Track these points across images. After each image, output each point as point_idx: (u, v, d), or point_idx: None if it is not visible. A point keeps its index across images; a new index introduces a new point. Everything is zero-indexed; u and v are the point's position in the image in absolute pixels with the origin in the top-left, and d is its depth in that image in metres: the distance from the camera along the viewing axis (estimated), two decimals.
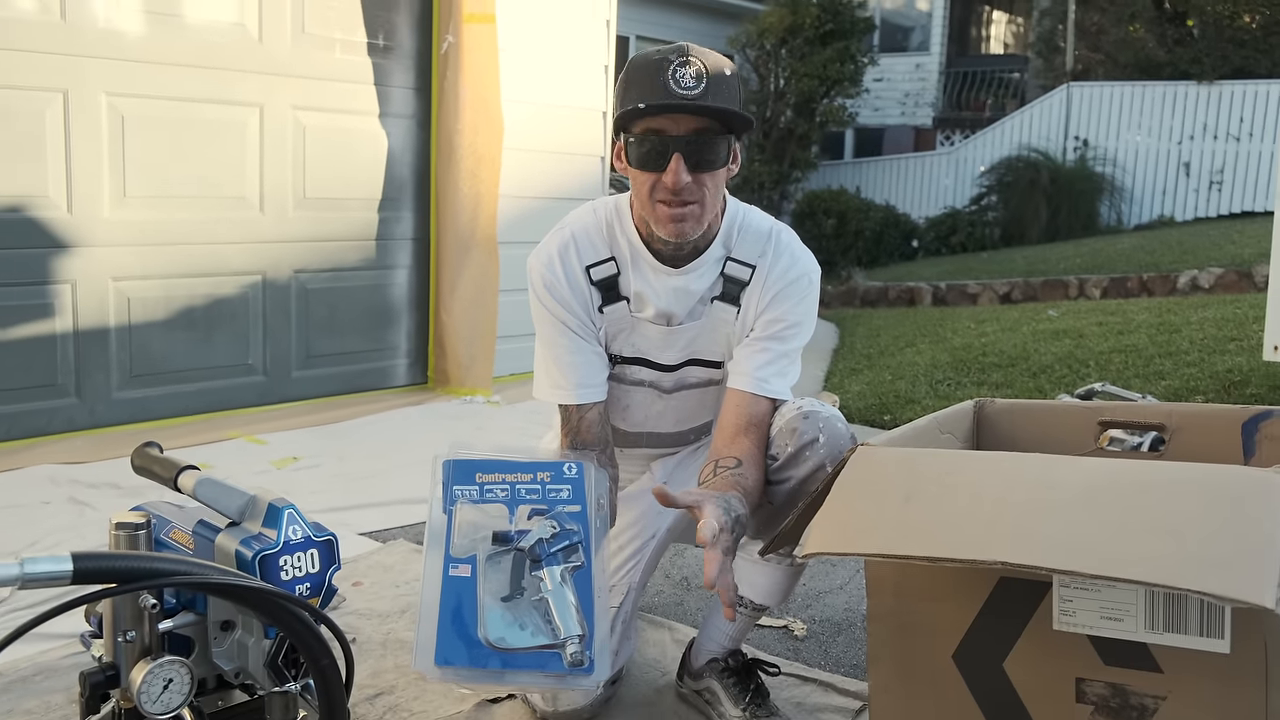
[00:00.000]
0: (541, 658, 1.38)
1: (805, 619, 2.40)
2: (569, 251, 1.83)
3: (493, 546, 1.44)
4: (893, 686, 1.53)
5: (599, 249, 1.84)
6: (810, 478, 1.72)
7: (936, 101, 15.08)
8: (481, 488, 1.48)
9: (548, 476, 1.52)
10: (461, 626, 1.39)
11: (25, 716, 1.82)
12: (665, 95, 1.63)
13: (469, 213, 4.56)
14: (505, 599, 1.41)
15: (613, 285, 1.83)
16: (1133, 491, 1.35)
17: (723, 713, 1.85)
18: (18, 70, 3.44)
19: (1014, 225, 11.67)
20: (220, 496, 1.41)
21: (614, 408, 1.95)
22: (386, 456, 3.65)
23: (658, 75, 1.64)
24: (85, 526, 2.82)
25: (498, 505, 1.48)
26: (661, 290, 1.83)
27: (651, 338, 1.87)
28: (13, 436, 3.55)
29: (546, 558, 1.44)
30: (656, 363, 1.89)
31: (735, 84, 1.69)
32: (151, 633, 1.37)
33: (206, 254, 3.99)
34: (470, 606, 1.39)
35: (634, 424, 1.98)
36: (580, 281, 1.83)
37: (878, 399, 4.86)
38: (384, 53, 4.46)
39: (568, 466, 1.53)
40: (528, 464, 1.53)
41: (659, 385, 1.92)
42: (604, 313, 1.84)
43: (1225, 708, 1.32)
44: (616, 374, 1.91)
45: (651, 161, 1.68)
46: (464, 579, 1.41)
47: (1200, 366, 4.89)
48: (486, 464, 1.50)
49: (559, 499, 1.51)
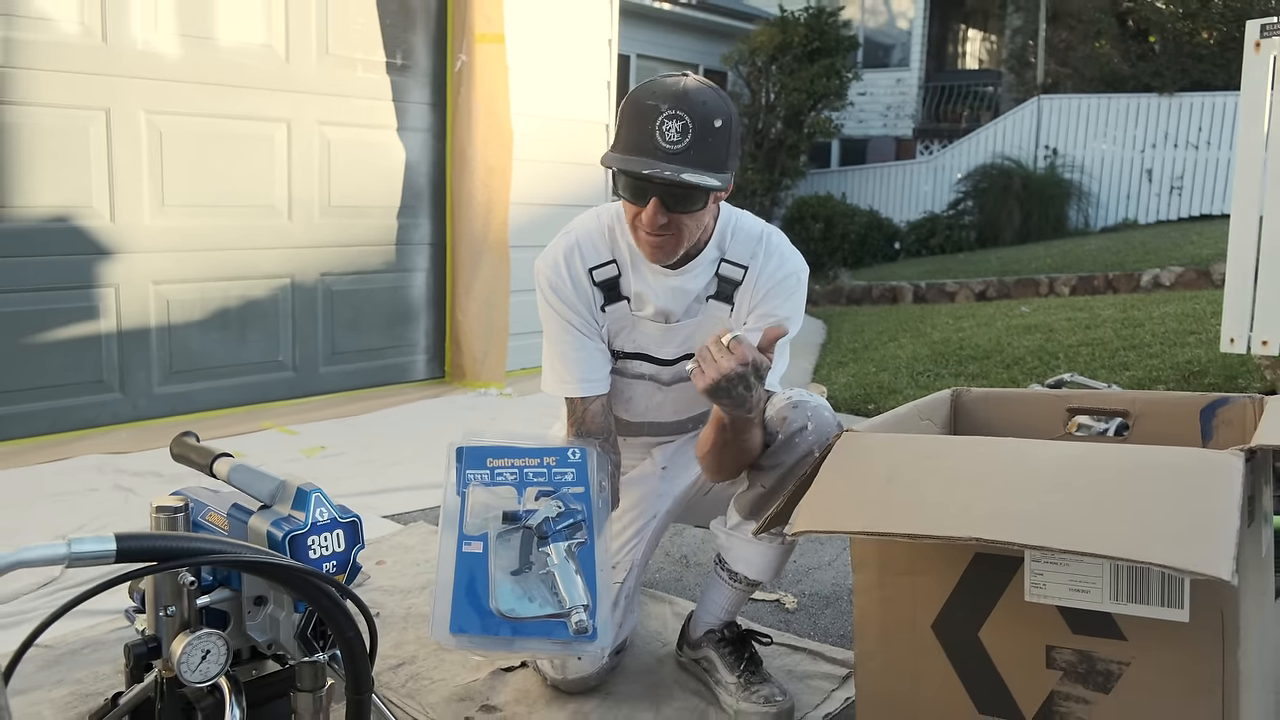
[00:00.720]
0: (549, 625, 1.39)
1: (795, 593, 2.40)
2: (573, 255, 1.83)
3: (503, 525, 1.44)
4: (876, 654, 1.53)
5: (601, 252, 1.84)
6: (800, 462, 1.72)
7: (916, 114, 15.06)
8: (492, 471, 1.48)
9: (553, 461, 1.52)
10: (475, 598, 1.39)
11: (75, 685, 1.83)
12: (649, 148, 1.60)
13: (482, 219, 4.56)
14: (515, 573, 1.42)
15: (614, 286, 1.83)
16: (1099, 473, 1.35)
17: (719, 679, 1.85)
18: (64, 90, 3.44)
19: (989, 228, 11.66)
20: (252, 481, 1.41)
21: (617, 399, 1.95)
22: (407, 445, 3.65)
23: (646, 124, 1.61)
24: (129, 511, 2.82)
25: (507, 488, 1.48)
26: (659, 290, 1.83)
27: (651, 334, 1.87)
28: (63, 429, 3.55)
29: (553, 534, 1.45)
30: (656, 357, 1.89)
31: (724, 135, 1.64)
32: (190, 608, 1.37)
33: (239, 259, 3.99)
34: (482, 580, 1.40)
35: (636, 414, 1.98)
36: (584, 282, 1.83)
37: (863, 389, 4.85)
38: (402, 71, 4.45)
39: (572, 451, 1.54)
40: (535, 449, 1.53)
41: (658, 378, 1.92)
42: (606, 311, 1.84)
43: (1185, 672, 1.32)
44: (619, 368, 1.91)
45: (633, 196, 1.67)
46: (476, 555, 1.42)
47: (1162, 358, 4.88)
48: (497, 450, 1.50)
49: (564, 481, 1.51)
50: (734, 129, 1.67)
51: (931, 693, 1.48)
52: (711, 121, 1.62)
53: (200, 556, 1.12)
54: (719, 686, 1.85)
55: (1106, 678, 1.36)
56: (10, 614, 2.12)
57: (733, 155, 1.68)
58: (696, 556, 2.63)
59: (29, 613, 2.12)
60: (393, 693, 1.80)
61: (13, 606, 2.16)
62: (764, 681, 1.82)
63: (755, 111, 11.96)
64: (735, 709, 1.79)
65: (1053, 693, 1.40)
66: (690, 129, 1.60)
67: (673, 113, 1.60)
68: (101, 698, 1.63)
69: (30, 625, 1.15)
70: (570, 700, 1.83)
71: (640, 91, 1.66)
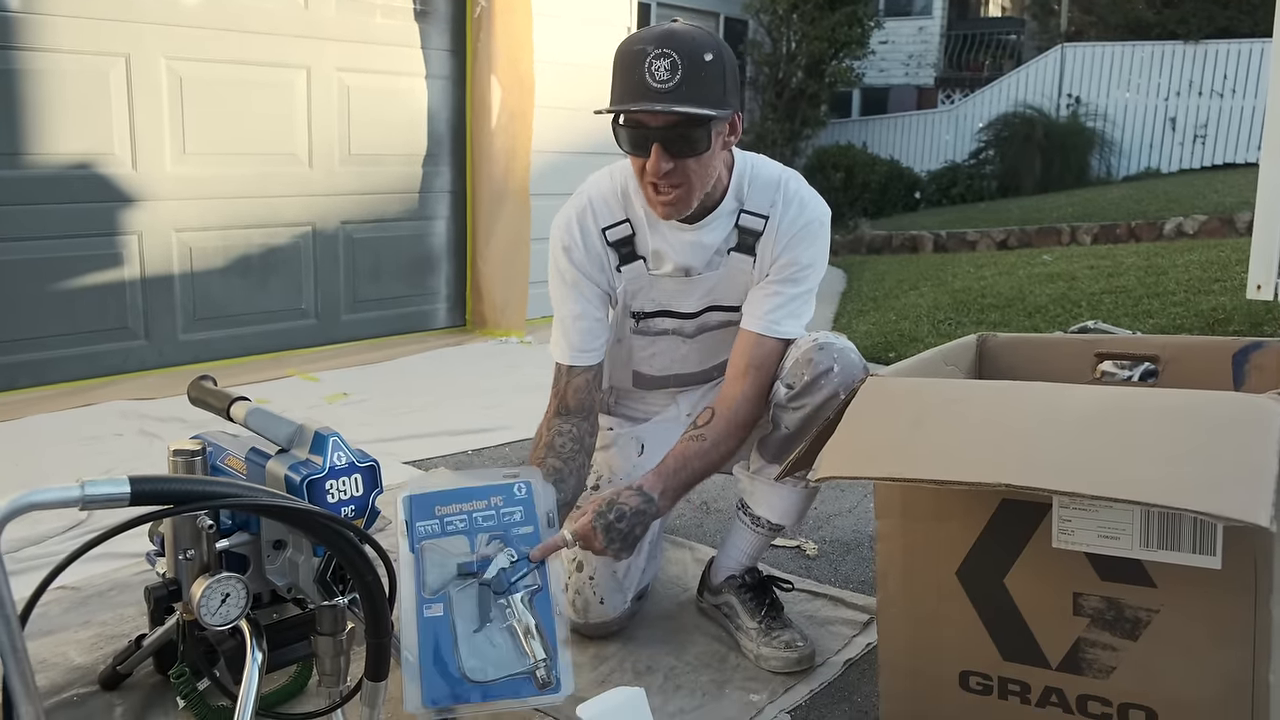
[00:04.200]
0: (515, 684, 1.43)
1: (816, 540, 2.38)
2: (586, 216, 1.79)
3: (458, 580, 1.46)
4: (899, 600, 1.50)
5: (614, 211, 1.79)
6: (825, 405, 1.68)
7: (938, 62, 14.77)
8: (441, 520, 1.49)
9: (500, 500, 1.52)
10: (442, 665, 1.41)
11: (101, 627, 1.82)
12: (641, 89, 1.57)
13: (502, 166, 4.50)
14: (476, 630, 1.44)
15: (629, 244, 1.79)
16: (1130, 417, 1.30)
17: (740, 625, 1.83)
18: (83, 36, 3.39)
19: (1010, 177, 11.48)
20: (269, 425, 1.39)
21: (640, 357, 1.91)
22: (428, 392, 3.63)
23: (635, 68, 1.57)
24: (154, 456, 2.82)
25: (458, 537, 1.48)
26: (678, 245, 1.78)
27: (670, 290, 1.82)
28: (90, 375, 3.55)
29: (509, 587, 1.46)
30: (678, 311, 1.85)
31: (717, 69, 1.59)
32: (209, 551, 1.35)
33: (261, 206, 3.96)
34: (446, 644, 1.42)
35: (660, 369, 1.94)
36: (596, 244, 1.79)
37: (883, 338, 4.79)
38: (421, 17, 4.37)
39: (518, 487, 1.54)
40: (480, 489, 1.53)
41: (682, 331, 1.87)
42: (622, 272, 1.80)
43: (1215, 619, 1.28)
44: (641, 328, 1.87)
45: (635, 148, 1.63)
46: (438, 618, 1.43)
47: (1186, 306, 4.79)
48: (444, 495, 1.50)
49: (512, 522, 1.51)
50: (728, 64, 1.62)
51: (955, 639, 1.45)
52: (701, 56, 1.58)
53: (216, 500, 1.09)
54: (740, 632, 1.83)
55: (1134, 625, 1.32)
56: (39, 556, 2.12)
57: (730, 91, 1.63)
58: (717, 503, 2.61)
59: (56, 555, 2.12)
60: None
61: (41, 549, 2.16)
62: (785, 627, 1.80)
63: (776, 60, 11.75)
64: (756, 653, 1.77)
65: (1079, 639, 1.36)
66: (680, 65, 1.56)
67: (659, 51, 1.56)
68: (126, 639, 1.63)
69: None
70: (591, 644, 1.82)
71: (627, 41, 1.63)
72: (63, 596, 1.94)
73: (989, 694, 1.43)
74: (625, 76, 1.59)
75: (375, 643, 1.22)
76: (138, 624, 1.78)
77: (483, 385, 3.73)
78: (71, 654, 1.72)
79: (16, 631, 1.02)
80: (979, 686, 1.44)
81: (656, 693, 1.66)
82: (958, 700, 1.46)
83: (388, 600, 1.21)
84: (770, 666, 1.75)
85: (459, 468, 2.86)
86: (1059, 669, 1.38)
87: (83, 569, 2.00)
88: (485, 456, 2.97)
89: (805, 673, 1.74)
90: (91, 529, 2.26)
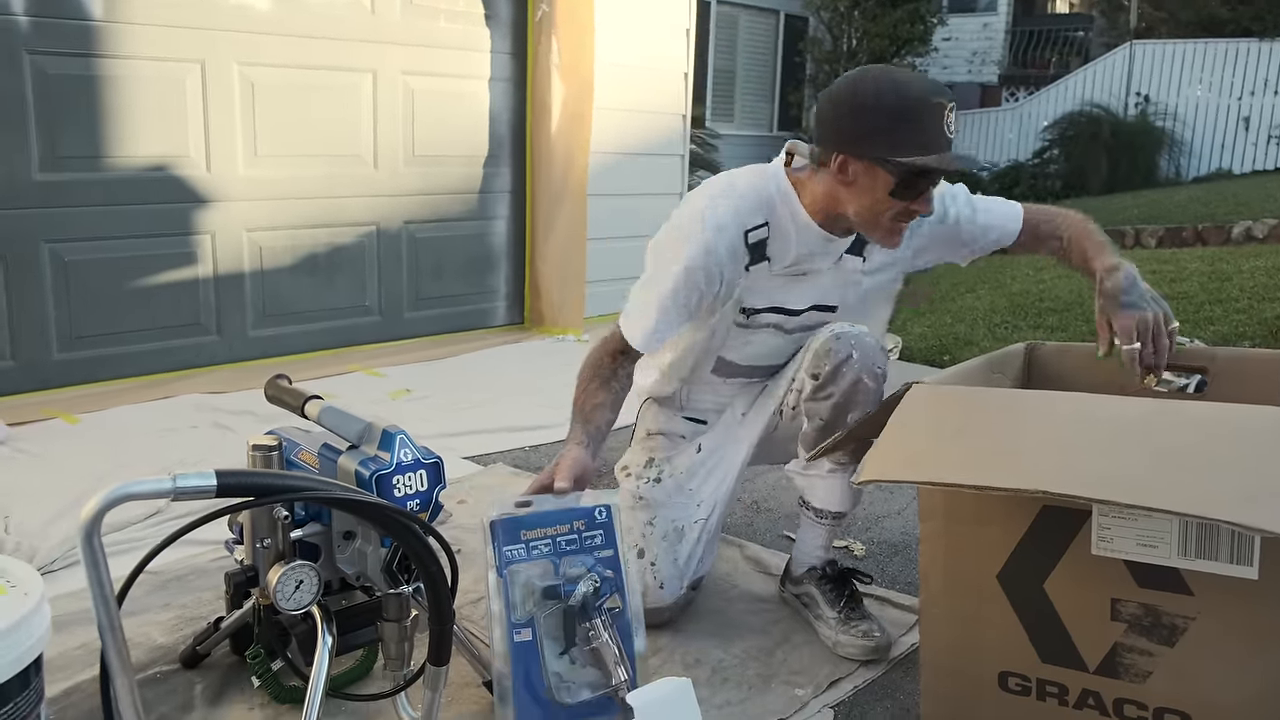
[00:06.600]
0: (600, 704, 1.51)
1: (864, 540, 2.42)
2: (740, 215, 1.82)
3: (545, 602, 1.52)
4: (940, 601, 1.54)
5: (757, 214, 1.83)
6: (851, 389, 1.78)
7: (1002, 60, 14.59)
8: (527, 545, 1.54)
9: (583, 525, 1.58)
10: (533, 691, 1.48)
11: (181, 610, 1.93)
12: (946, 141, 1.68)
13: (561, 167, 4.58)
14: (562, 653, 1.51)
15: (761, 248, 1.84)
16: (1172, 429, 1.34)
17: (820, 614, 1.91)
18: (161, 44, 3.53)
19: (1075, 177, 11.30)
20: (341, 422, 1.47)
21: (733, 344, 1.95)
22: (488, 389, 3.72)
23: (937, 119, 1.66)
24: (227, 447, 2.94)
25: (544, 561, 1.54)
26: (820, 252, 1.86)
27: (786, 287, 1.89)
28: (165, 369, 3.69)
29: (593, 611, 1.53)
30: (787, 308, 1.91)
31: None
32: (284, 540, 1.44)
33: (328, 207, 4.08)
34: (536, 670, 1.49)
35: (748, 358, 1.99)
36: (739, 244, 1.82)
37: (938, 341, 4.79)
38: (483, 21, 4.46)
39: (599, 511, 1.59)
40: (563, 512, 1.58)
41: (783, 327, 1.93)
42: (749, 271, 1.85)
43: (1252, 628, 1.31)
44: (746, 323, 1.92)
45: (911, 195, 1.71)
46: (527, 643, 1.50)
47: (1249, 313, 4.72)
48: (529, 519, 1.55)
49: (594, 545, 1.58)
50: None
51: (995, 641, 1.49)
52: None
53: (294, 493, 1.18)
54: (819, 620, 1.91)
55: (1171, 631, 1.36)
56: (122, 541, 2.23)
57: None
58: (767, 502, 2.66)
59: (139, 541, 2.24)
60: (473, 625, 1.86)
61: (124, 534, 2.28)
62: (863, 618, 1.88)
63: (837, 58, 11.71)
64: (834, 641, 1.85)
65: (1116, 644, 1.40)
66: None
67: (951, 104, 1.68)
68: (204, 621, 1.73)
69: (139, 553, 1.22)
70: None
71: (903, 89, 1.67)
72: (145, 580, 2.05)
73: (1028, 695, 1.47)
74: (930, 126, 1.66)
75: (437, 629, 1.29)
76: (215, 607, 1.88)
77: (540, 383, 3.81)
78: (154, 634, 1.82)
79: (115, 612, 1.12)
80: (1018, 687, 1.48)
81: (704, 684, 1.72)
82: (997, 700, 1.50)
83: (450, 589, 1.28)
84: (846, 653, 1.83)
85: (517, 464, 2.94)
86: (1096, 672, 1.42)
87: (164, 555, 2.10)
88: (543, 453, 3.04)
89: (856, 669, 1.80)
90: (170, 517, 2.37)
